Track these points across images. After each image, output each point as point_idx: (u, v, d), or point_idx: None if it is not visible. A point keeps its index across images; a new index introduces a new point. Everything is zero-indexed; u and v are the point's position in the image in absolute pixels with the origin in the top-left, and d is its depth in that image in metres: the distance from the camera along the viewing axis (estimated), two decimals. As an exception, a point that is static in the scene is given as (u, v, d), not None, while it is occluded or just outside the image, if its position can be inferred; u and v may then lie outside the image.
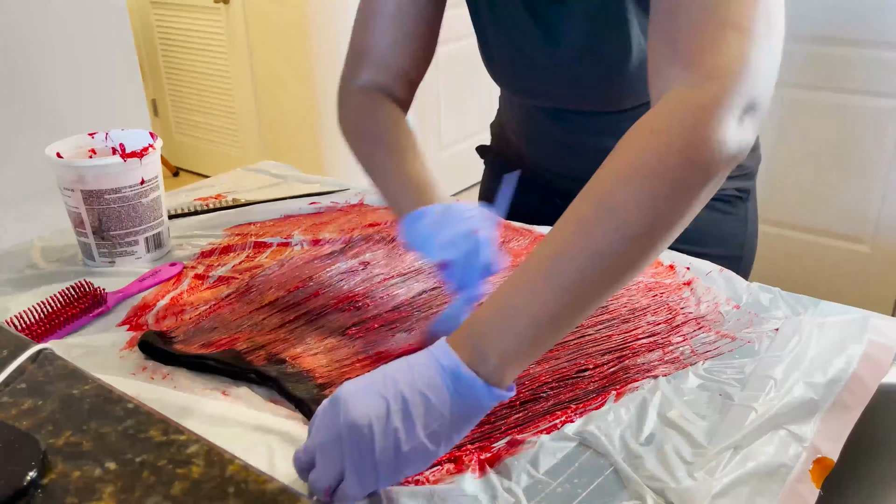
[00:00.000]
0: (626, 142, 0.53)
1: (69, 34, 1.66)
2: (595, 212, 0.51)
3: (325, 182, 1.12)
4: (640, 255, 0.51)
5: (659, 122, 0.53)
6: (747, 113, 0.53)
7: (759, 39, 0.53)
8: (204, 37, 3.05)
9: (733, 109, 0.52)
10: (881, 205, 1.91)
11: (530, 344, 0.50)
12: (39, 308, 0.73)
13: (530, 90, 0.90)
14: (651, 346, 0.69)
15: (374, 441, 0.47)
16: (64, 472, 0.34)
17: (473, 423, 0.51)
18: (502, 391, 0.50)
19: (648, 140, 0.52)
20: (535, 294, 0.50)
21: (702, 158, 0.51)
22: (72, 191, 0.84)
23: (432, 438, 0.48)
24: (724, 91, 0.52)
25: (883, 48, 1.80)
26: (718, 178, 0.53)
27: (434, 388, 0.48)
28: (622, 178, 0.51)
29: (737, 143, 0.52)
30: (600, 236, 0.50)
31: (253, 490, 0.32)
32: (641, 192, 0.50)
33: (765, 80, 0.54)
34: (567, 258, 0.50)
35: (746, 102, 0.53)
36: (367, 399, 0.48)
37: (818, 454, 0.55)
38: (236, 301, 0.78)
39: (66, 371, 0.41)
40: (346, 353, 0.68)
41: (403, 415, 0.47)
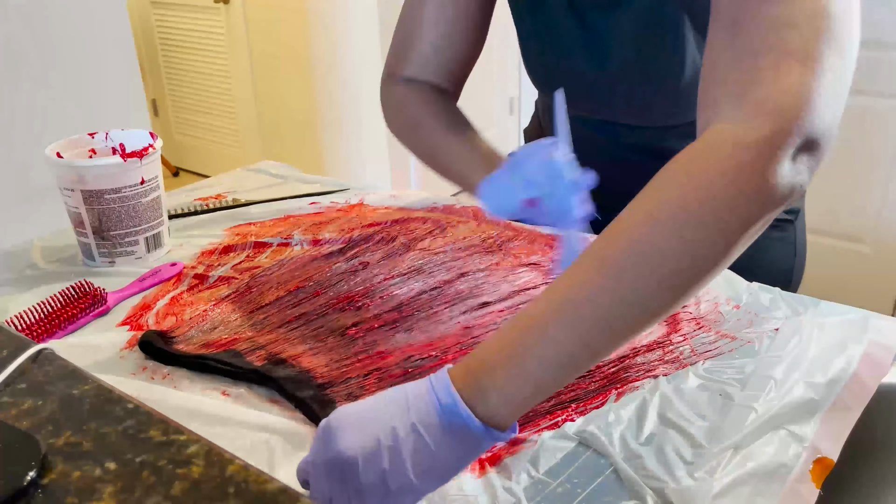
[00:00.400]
0: (662, 181, 0.49)
1: (69, 34, 1.66)
2: (625, 257, 0.46)
3: (325, 182, 1.12)
4: (669, 305, 0.47)
5: (700, 162, 0.48)
6: (804, 152, 0.48)
7: (826, 72, 0.47)
8: (204, 37, 3.05)
9: (786, 150, 0.47)
10: (881, 205, 1.91)
11: (535, 387, 0.46)
12: (39, 308, 0.73)
13: (573, 101, 0.85)
14: (651, 346, 0.69)
15: (360, 476, 0.45)
16: (64, 472, 0.34)
17: (468, 462, 0.48)
18: (500, 433, 0.46)
19: (688, 181, 0.47)
20: (547, 337, 0.46)
21: (747, 201, 0.46)
22: (72, 191, 0.84)
23: (422, 478, 0.46)
24: (778, 129, 0.47)
25: (883, 48, 1.80)
26: (765, 220, 0.48)
27: (428, 425, 0.46)
28: (657, 222, 0.47)
29: (788, 186, 0.47)
30: (628, 284, 0.46)
31: (253, 490, 0.32)
32: (677, 236, 0.46)
33: (828, 117, 0.48)
34: (587, 304, 0.46)
35: (803, 141, 0.47)
36: (358, 432, 0.45)
37: (818, 454, 0.55)
38: (236, 301, 0.78)
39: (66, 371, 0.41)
40: (346, 353, 0.68)
41: (392, 453, 0.45)
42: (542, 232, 0.92)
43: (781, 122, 0.47)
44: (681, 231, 0.46)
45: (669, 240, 0.46)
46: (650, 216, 0.47)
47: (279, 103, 2.84)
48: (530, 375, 0.46)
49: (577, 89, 0.82)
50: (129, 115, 1.82)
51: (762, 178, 0.46)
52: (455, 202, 1.02)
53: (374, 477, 0.45)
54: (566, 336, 0.46)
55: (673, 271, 0.46)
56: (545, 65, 0.84)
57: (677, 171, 0.48)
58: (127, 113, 1.82)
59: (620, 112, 0.83)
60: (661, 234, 0.46)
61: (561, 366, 0.46)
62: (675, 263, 0.46)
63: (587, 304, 0.46)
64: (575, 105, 0.85)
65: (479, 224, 0.95)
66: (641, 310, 0.46)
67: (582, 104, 0.85)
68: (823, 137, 0.48)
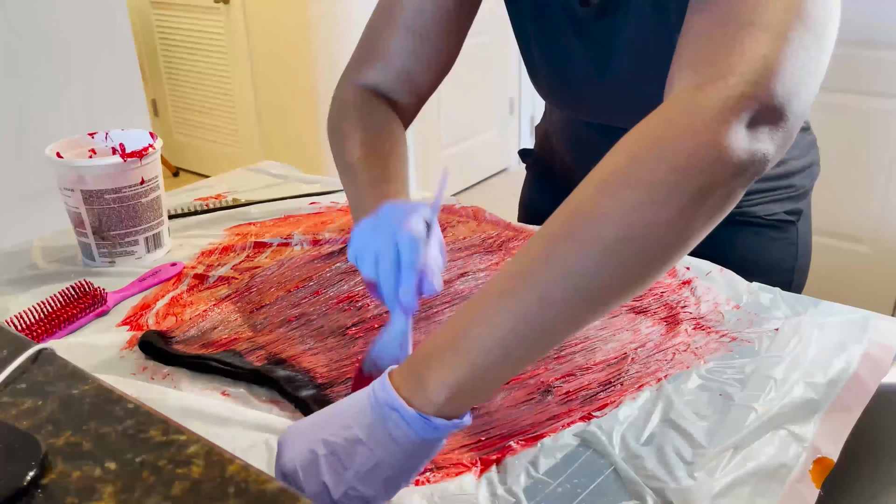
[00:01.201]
0: (613, 150, 0.47)
1: (69, 34, 1.66)
2: (565, 224, 0.44)
3: (325, 182, 1.12)
4: (615, 276, 0.44)
5: (650, 128, 0.46)
6: (763, 120, 0.46)
7: (790, 40, 0.46)
8: (204, 37, 3.05)
9: (742, 114, 0.45)
10: (881, 205, 1.91)
11: (479, 376, 0.44)
12: (39, 308, 0.73)
13: (576, 106, 0.85)
14: (651, 347, 0.69)
15: (304, 487, 0.44)
16: (64, 472, 0.34)
17: (417, 463, 0.46)
18: (443, 421, 0.44)
19: (636, 147, 0.45)
20: (486, 317, 0.44)
21: (696, 164, 0.43)
22: (72, 191, 0.84)
23: (366, 482, 0.44)
24: (732, 92, 0.45)
25: (883, 48, 1.80)
26: (724, 192, 0.45)
27: (366, 426, 0.44)
28: (599, 187, 0.45)
29: (745, 152, 0.45)
30: (566, 252, 0.43)
31: (253, 490, 0.32)
32: (619, 199, 0.43)
33: (793, 84, 0.46)
34: (528, 277, 0.44)
35: (761, 107, 0.45)
36: (297, 446, 0.45)
37: (818, 454, 0.55)
38: (236, 301, 0.78)
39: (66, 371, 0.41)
40: (346, 353, 0.68)
41: (330, 461, 0.44)
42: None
43: (738, 87, 0.45)
44: (623, 193, 0.43)
45: (612, 203, 0.43)
46: (596, 181, 0.45)
47: (279, 103, 2.84)
48: (466, 360, 0.43)
49: (580, 96, 0.82)
50: (129, 115, 1.83)
51: (714, 142, 0.44)
52: (455, 202, 1.02)
53: (316, 487, 0.44)
54: (507, 317, 0.43)
55: (614, 236, 0.43)
56: (548, 73, 0.82)
57: (631, 137, 0.47)
58: (127, 113, 1.82)
59: (622, 117, 0.81)
60: (603, 198, 0.44)
61: (500, 347, 0.43)
62: (618, 229, 0.43)
63: (527, 277, 0.44)
64: (577, 110, 0.85)
65: (479, 224, 0.95)
66: (583, 280, 0.43)
67: (584, 110, 0.84)
68: (788, 109, 0.46)
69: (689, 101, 0.46)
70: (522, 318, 0.43)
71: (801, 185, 0.86)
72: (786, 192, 0.85)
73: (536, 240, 0.46)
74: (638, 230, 0.43)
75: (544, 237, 0.45)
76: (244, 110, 3.03)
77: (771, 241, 0.85)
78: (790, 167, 0.85)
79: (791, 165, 0.85)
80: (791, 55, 0.46)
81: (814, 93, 0.48)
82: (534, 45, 0.81)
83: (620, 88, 0.75)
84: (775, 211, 0.84)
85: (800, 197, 0.86)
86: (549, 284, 0.43)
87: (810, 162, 0.88)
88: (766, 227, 0.84)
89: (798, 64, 0.47)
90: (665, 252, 0.45)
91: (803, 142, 0.87)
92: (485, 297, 0.45)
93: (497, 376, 0.45)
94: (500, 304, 0.44)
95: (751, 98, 0.45)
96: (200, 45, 3.09)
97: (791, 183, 0.85)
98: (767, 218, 0.84)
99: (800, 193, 0.86)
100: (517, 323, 0.43)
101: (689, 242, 0.45)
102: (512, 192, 2.95)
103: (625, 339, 0.70)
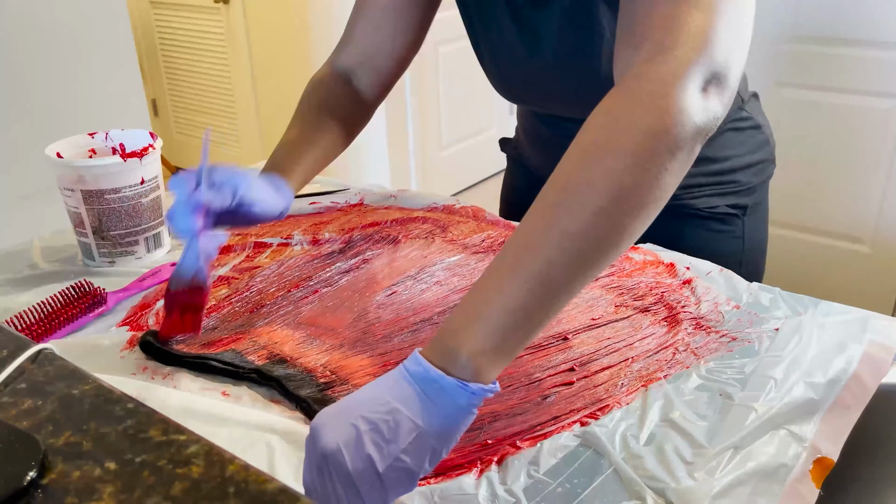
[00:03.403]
0: (586, 125, 0.52)
1: (69, 34, 1.66)
2: (557, 195, 0.50)
3: (325, 182, 1.12)
4: (608, 233, 0.49)
5: (616, 100, 0.52)
6: (711, 84, 0.52)
7: (721, 14, 0.53)
8: (204, 37, 3.05)
9: (693, 78, 0.51)
10: (881, 205, 1.91)
11: (504, 337, 0.48)
12: (39, 308, 0.73)
13: (518, 96, 0.92)
14: (651, 347, 0.69)
15: (349, 465, 0.45)
16: (64, 472, 0.34)
17: (457, 429, 0.48)
18: (480, 386, 0.47)
19: (607, 118, 0.51)
20: (503, 286, 0.48)
21: (663, 128, 0.49)
22: (72, 191, 0.84)
23: (412, 454, 0.46)
24: (682, 61, 0.51)
25: (883, 48, 1.80)
26: (688, 149, 0.51)
27: (405, 398, 0.46)
28: (582, 158, 0.50)
29: (701, 112, 0.51)
30: (563, 217, 0.49)
31: (253, 490, 0.32)
32: (603, 167, 0.49)
33: (729, 51, 0.53)
34: (532, 245, 0.49)
35: (708, 72, 0.52)
36: (337, 425, 0.46)
37: (818, 454, 0.55)
38: (236, 301, 0.78)
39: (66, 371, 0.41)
40: (347, 353, 0.68)
41: (373, 435, 0.45)
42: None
43: (686, 55, 0.51)
44: (603, 160, 0.49)
45: (595, 169, 0.49)
46: (576, 155, 0.51)
47: (279, 103, 2.84)
48: (492, 326, 0.47)
49: (522, 85, 0.88)
50: (129, 115, 1.83)
51: (676, 103, 0.50)
52: (455, 202, 1.02)
53: (361, 462, 0.45)
54: (521, 282, 0.48)
55: (600, 199, 0.48)
56: (495, 64, 0.88)
57: (598, 113, 0.52)
58: (127, 113, 1.82)
59: (560, 105, 0.88)
60: (585, 167, 0.50)
61: (520, 309, 0.48)
62: (601, 191, 0.48)
63: (532, 247, 0.49)
64: (526, 101, 0.93)
65: (479, 224, 0.95)
66: (581, 242, 0.48)
67: (524, 98, 0.92)
68: (728, 72, 0.53)
69: (644, 73, 0.52)
70: (534, 281, 0.48)
71: (747, 182, 0.91)
72: (728, 187, 0.90)
73: (532, 214, 0.51)
74: (624, 191, 0.49)
75: (540, 208, 0.50)
76: (244, 110, 3.03)
77: (714, 234, 0.91)
78: (733, 163, 0.90)
79: (734, 162, 0.90)
80: (723, 24, 0.53)
81: (744, 57, 0.56)
82: (481, 39, 0.87)
83: (549, 73, 0.82)
84: (716, 204, 0.90)
85: (745, 192, 0.91)
86: (552, 249, 0.48)
87: (760, 159, 0.93)
88: (709, 219, 0.90)
89: (730, 32, 0.54)
90: (649, 206, 0.51)
91: (752, 140, 0.92)
92: (497, 270, 0.50)
93: (522, 337, 0.49)
94: (512, 272, 0.49)
95: (698, 64, 0.52)
96: (200, 45, 3.09)
97: (734, 179, 0.90)
98: (708, 210, 0.90)
99: (745, 189, 0.91)
100: (531, 286, 0.48)
101: (666, 195, 0.51)
102: (512, 192, 2.89)
103: (625, 339, 0.70)
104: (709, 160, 0.89)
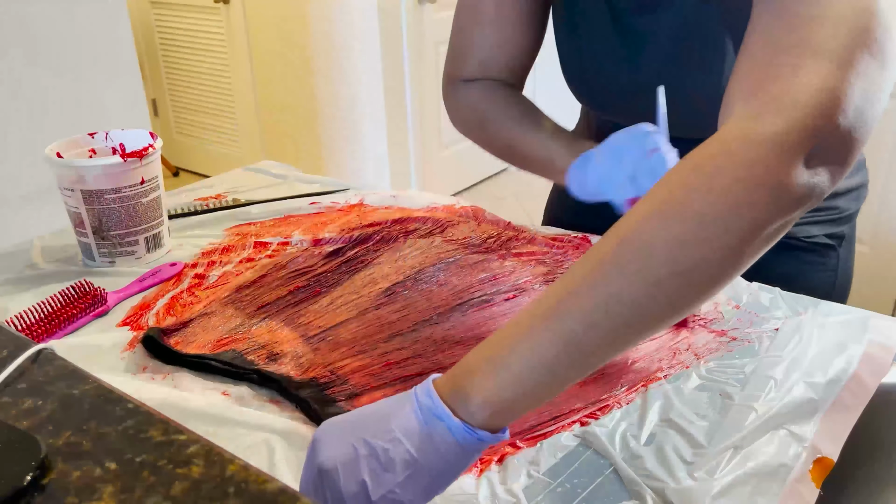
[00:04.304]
0: (667, 177, 0.46)
1: (69, 34, 1.66)
2: (615, 252, 0.44)
3: (325, 182, 1.12)
4: (665, 307, 0.44)
5: (705, 157, 0.45)
6: (825, 155, 0.45)
7: (857, 70, 0.45)
8: (204, 37, 3.05)
9: (800, 148, 0.44)
10: (881, 205, 1.91)
11: (523, 392, 0.44)
12: (39, 308, 0.73)
13: (610, 108, 0.84)
14: (651, 347, 0.69)
15: (342, 486, 0.44)
16: (64, 472, 0.34)
17: (456, 471, 0.45)
18: (485, 434, 0.44)
19: (690, 176, 0.45)
20: (534, 338, 0.44)
21: (754, 202, 0.43)
22: (72, 191, 0.84)
23: (406, 487, 0.44)
24: (792, 125, 0.44)
25: (883, 48, 1.79)
26: (778, 225, 0.45)
27: (407, 430, 0.44)
28: (653, 217, 0.44)
29: (803, 187, 0.44)
30: (615, 277, 0.43)
31: (253, 490, 0.32)
32: (672, 232, 0.43)
33: (857, 117, 0.45)
34: (573, 301, 0.44)
35: (823, 142, 0.44)
36: (337, 442, 0.45)
37: (818, 454, 0.55)
38: (236, 301, 0.78)
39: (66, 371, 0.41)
40: (347, 353, 0.68)
41: (370, 462, 0.44)
42: (542, 232, 0.92)
43: (796, 118, 0.44)
44: (678, 227, 0.43)
45: (662, 234, 0.43)
46: (648, 210, 0.45)
47: (279, 103, 2.84)
48: (511, 377, 0.44)
49: (613, 95, 0.81)
50: (129, 115, 1.82)
51: (773, 177, 0.43)
52: (455, 202, 1.02)
53: (355, 486, 0.44)
54: (552, 336, 0.44)
55: (661, 267, 0.43)
56: (581, 69, 0.82)
57: (685, 167, 0.46)
58: (127, 113, 1.82)
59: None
60: (653, 228, 0.44)
61: (545, 367, 0.44)
62: (667, 263, 0.43)
63: (572, 303, 0.44)
64: (611, 112, 0.83)
65: (479, 224, 0.95)
66: (629, 309, 0.44)
67: (618, 112, 0.82)
68: (850, 142, 0.45)
69: (747, 131, 0.45)
70: (568, 341, 0.44)
71: (846, 208, 0.83)
72: (828, 213, 0.82)
73: (584, 263, 0.45)
74: (687, 265, 0.43)
75: (591, 262, 0.45)
76: (244, 110, 3.03)
77: (808, 266, 0.82)
78: (836, 188, 0.80)
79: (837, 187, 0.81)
80: (856, 85, 0.45)
81: (876, 122, 0.47)
82: (568, 40, 0.81)
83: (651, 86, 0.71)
84: (814, 234, 0.81)
85: (843, 220, 0.83)
86: (596, 311, 0.44)
87: (858, 183, 0.84)
88: (803, 250, 0.82)
89: (862, 94, 0.45)
90: (712, 285, 0.45)
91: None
92: (531, 318, 0.45)
93: (540, 395, 0.45)
94: (546, 325, 0.44)
95: (813, 132, 0.44)
96: (200, 45, 3.09)
97: (835, 205, 0.82)
98: (804, 240, 0.81)
99: (843, 216, 0.83)
100: (563, 345, 0.44)
101: (736, 274, 0.46)
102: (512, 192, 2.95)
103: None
104: None
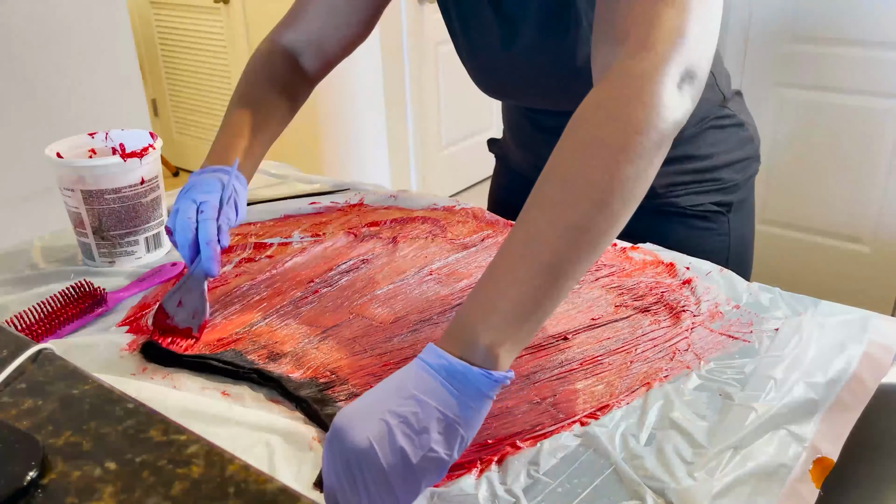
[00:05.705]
0: (576, 120, 0.55)
1: (69, 34, 1.66)
2: (558, 188, 0.53)
3: (325, 182, 1.12)
4: (607, 222, 0.53)
5: (605, 95, 0.55)
6: (685, 81, 0.56)
7: (693, 12, 0.57)
8: (204, 37, 3.05)
9: (671, 76, 0.55)
10: (881, 205, 1.91)
11: (517, 326, 0.50)
12: (39, 308, 0.73)
13: (496, 89, 0.92)
14: (652, 348, 0.69)
15: (382, 461, 0.45)
16: (64, 472, 0.34)
17: (481, 416, 0.50)
18: (501, 373, 0.49)
19: (596, 114, 0.55)
20: (515, 278, 0.51)
21: (647, 124, 0.53)
22: (72, 191, 0.84)
23: (442, 444, 0.47)
24: (661, 59, 0.55)
25: (882, 48, 1.80)
26: (667, 143, 0.55)
27: (430, 390, 0.48)
28: (578, 153, 0.53)
29: (679, 107, 0.55)
30: (567, 211, 0.52)
31: (253, 490, 0.32)
32: (598, 161, 0.52)
33: (702, 49, 0.57)
34: (540, 239, 0.51)
35: (684, 70, 0.56)
36: (364, 423, 0.46)
37: (818, 454, 0.55)
38: (237, 300, 0.78)
39: (66, 371, 0.41)
40: (347, 353, 0.68)
41: (404, 428, 0.46)
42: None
43: (664, 53, 0.55)
44: (597, 156, 0.53)
45: (591, 164, 0.53)
46: (571, 150, 0.54)
47: (279, 103, 2.83)
48: (509, 317, 0.50)
49: (498, 77, 0.88)
50: (129, 115, 1.83)
51: (657, 100, 0.54)
52: (455, 202, 1.02)
53: (395, 457, 0.46)
54: (531, 273, 0.51)
55: (599, 192, 0.52)
56: (472, 54, 0.88)
57: (586, 108, 0.56)
58: (127, 113, 1.82)
59: (536, 96, 0.88)
60: (582, 162, 0.53)
61: (535, 300, 0.51)
62: (599, 185, 0.52)
63: (539, 239, 0.52)
64: (504, 94, 0.93)
65: (479, 224, 0.95)
66: (584, 232, 0.52)
67: (507, 92, 0.92)
68: (699, 69, 0.57)
69: (629, 69, 0.56)
70: (545, 272, 0.51)
71: (731, 179, 0.92)
72: (712, 184, 0.91)
73: (533, 208, 0.53)
74: (620, 182, 0.52)
75: (540, 204, 0.53)
76: (244, 110, 3.02)
77: (700, 231, 0.92)
78: (716, 161, 0.91)
79: (717, 159, 0.91)
80: (696, 23, 0.57)
81: (713, 53, 0.59)
82: (458, 29, 0.87)
83: (525, 63, 0.83)
84: (701, 202, 0.91)
85: (729, 190, 0.92)
86: (557, 240, 0.51)
87: (743, 157, 0.94)
88: (693, 217, 0.92)
89: (703, 30, 0.58)
90: (640, 193, 0.54)
91: (734, 137, 0.92)
92: (507, 264, 0.52)
93: (535, 325, 0.52)
94: (523, 266, 0.51)
95: (675, 63, 0.55)
96: (200, 45, 3.09)
97: (718, 176, 0.91)
98: (693, 209, 0.91)
99: (729, 186, 0.92)
100: (542, 277, 0.51)
101: (648, 186, 0.55)
102: (512, 192, 2.87)
103: (625, 339, 0.70)
104: (692, 158, 0.89)
